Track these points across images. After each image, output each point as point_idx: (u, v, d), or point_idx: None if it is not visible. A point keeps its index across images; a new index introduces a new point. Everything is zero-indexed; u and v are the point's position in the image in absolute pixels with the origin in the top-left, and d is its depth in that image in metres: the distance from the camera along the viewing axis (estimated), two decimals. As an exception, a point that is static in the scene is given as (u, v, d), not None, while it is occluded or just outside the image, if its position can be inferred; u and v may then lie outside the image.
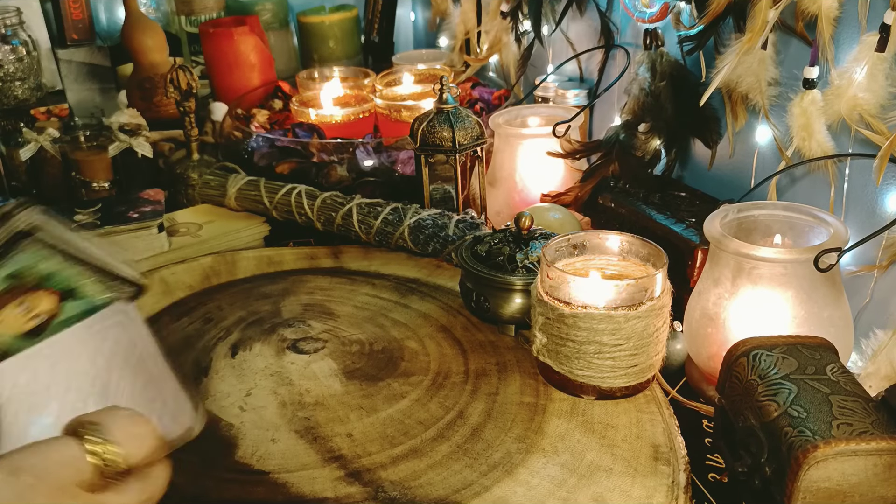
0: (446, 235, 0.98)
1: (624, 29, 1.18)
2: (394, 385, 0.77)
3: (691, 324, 0.78)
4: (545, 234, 0.86)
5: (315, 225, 1.07)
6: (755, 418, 0.61)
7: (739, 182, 0.98)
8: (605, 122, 1.23)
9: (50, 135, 1.26)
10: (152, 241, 1.04)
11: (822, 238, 0.74)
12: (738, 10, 0.87)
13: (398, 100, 1.32)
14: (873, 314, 0.80)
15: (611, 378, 0.72)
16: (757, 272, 0.73)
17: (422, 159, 1.02)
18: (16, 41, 1.42)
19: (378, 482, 0.65)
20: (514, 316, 0.83)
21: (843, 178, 0.83)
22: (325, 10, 1.75)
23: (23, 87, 1.44)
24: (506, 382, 0.77)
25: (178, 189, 1.21)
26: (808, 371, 0.62)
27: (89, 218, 1.04)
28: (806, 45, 0.84)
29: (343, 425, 0.72)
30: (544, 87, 1.27)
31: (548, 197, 1.07)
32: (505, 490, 0.64)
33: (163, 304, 0.94)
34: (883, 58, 0.73)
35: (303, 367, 0.80)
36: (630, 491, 0.63)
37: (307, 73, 1.47)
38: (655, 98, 1.00)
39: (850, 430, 0.56)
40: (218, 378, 0.79)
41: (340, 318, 0.89)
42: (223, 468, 0.68)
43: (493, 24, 1.38)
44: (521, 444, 0.69)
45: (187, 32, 1.71)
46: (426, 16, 1.83)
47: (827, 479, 0.56)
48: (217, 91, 1.54)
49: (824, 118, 0.81)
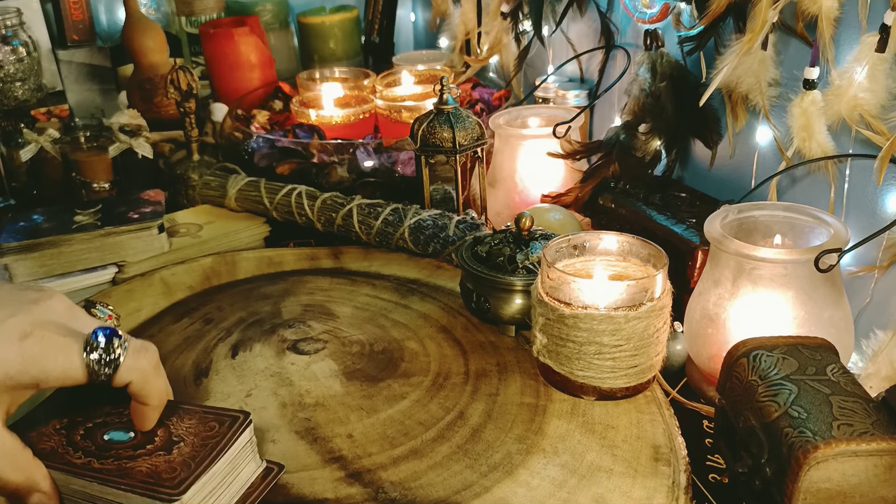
0: (447, 236, 0.98)
1: (624, 29, 1.18)
2: (394, 386, 0.77)
3: (692, 324, 0.78)
4: (545, 235, 0.86)
5: (315, 226, 1.07)
6: (755, 419, 0.61)
7: (740, 182, 0.98)
8: (605, 123, 1.23)
9: (50, 135, 1.26)
10: (152, 241, 1.04)
11: (822, 239, 0.74)
12: (738, 11, 0.87)
13: (398, 100, 1.32)
14: (874, 315, 0.80)
15: (611, 379, 0.72)
16: (757, 273, 0.73)
17: (422, 160, 1.02)
18: (16, 42, 1.42)
19: (378, 483, 0.65)
20: (515, 317, 0.83)
21: (843, 179, 0.83)
22: (326, 10, 1.75)
23: (23, 88, 1.44)
24: (506, 383, 0.77)
25: (179, 190, 1.21)
26: (808, 372, 0.62)
27: (89, 218, 1.04)
28: (806, 45, 0.84)
29: (343, 426, 0.72)
30: (544, 87, 1.27)
31: (548, 197, 1.07)
32: (505, 491, 0.64)
33: (163, 304, 0.94)
34: (883, 58, 0.73)
35: (303, 367, 0.80)
36: (630, 492, 0.63)
37: (307, 73, 1.47)
38: (656, 99, 1.00)
39: (851, 431, 0.56)
40: (218, 379, 0.79)
41: (341, 318, 0.89)
42: (223, 469, 0.68)
43: (493, 25, 1.39)
44: (522, 445, 0.69)
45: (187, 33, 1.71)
46: (426, 16, 1.84)
47: (827, 480, 0.56)
48: (217, 92, 1.54)
49: (825, 119, 0.81)
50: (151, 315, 0.92)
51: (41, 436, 0.62)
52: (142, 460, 0.59)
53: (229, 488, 0.60)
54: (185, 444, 0.60)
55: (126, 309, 0.93)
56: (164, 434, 0.61)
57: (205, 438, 0.60)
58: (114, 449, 0.60)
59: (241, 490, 0.61)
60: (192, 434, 0.61)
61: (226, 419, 0.62)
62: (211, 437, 0.60)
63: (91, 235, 1.00)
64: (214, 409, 0.64)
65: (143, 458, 0.59)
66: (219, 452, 0.59)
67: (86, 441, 0.61)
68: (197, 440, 0.60)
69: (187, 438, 0.60)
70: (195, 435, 0.61)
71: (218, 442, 0.60)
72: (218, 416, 0.63)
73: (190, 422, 0.62)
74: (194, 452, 0.59)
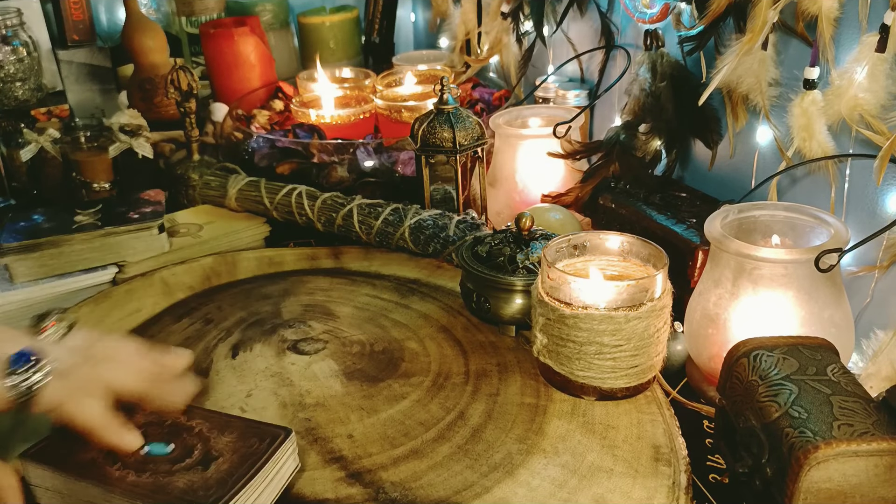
0: (447, 236, 0.98)
1: (624, 29, 1.18)
2: (394, 386, 0.77)
3: (692, 324, 0.78)
4: (546, 235, 0.86)
5: (315, 225, 1.07)
6: (756, 419, 0.61)
7: (740, 182, 0.98)
8: (605, 123, 1.23)
9: (50, 135, 1.26)
10: (153, 241, 1.04)
11: (822, 238, 0.74)
12: (738, 11, 0.87)
13: (399, 100, 1.32)
14: (874, 315, 0.80)
15: (611, 379, 0.72)
16: (758, 273, 0.73)
17: (422, 160, 1.02)
18: (16, 42, 1.42)
19: (379, 483, 0.65)
20: (515, 317, 0.83)
21: (843, 179, 0.83)
22: (326, 10, 1.75)
23: (23, 88, 1.45)
24: (506, 383, 0.77)
25: (179, 190, 1.21)
26: (808, 372, 0.62)
27: (90, 219, 1.04)
28: (806, 45, 0.84)
29: (344, 426, 0.72)
30: (545, 87, 1.27)
31: (548, 197, 1.07)
32: (506, 491, 0.64)
33: (163, 304, 0.94)
34: (883, 58, 0.73)
35: (303, 367, 0.80)
36: (631, 492, 0.63)
37: (307, 73, 1.47)
38: (656, 98, 1.00)
39: (851, 431, 0.56)
40: (218, 379, 0.79)
41: (341, 318, 0.89)
42: (224, 469, 0.67)
43: (493, 25, 1.38)
44: (522, 445, 0.69)
45: (188, 33, 1.71)
46: (427, 16, 1.84)
47: (828, 480, 0.56)
48: (217, 92, 1.54)
49: (825, 118, 0.81)
50: (151, 315, 0.92)
51: (85, 446, 0.62)
52: (178, 475, 0.59)
53: (265, 497, 0.60)
54: (223, 459, 0.60)
55: (126, 309, 0.93)
56: (204, 448, 0.61)
57: (244, 455, 0.60)
58: (152, 462, 0.60)
59: (276, 494, 0.62)
60: (232, 450, 0.61)
61: (266, 436, 0.62)
62: (250, 455, 0.60)
63: (91, 235, 1.00)
64: (256, 424, 0.64)
65: (180, 473, 0.59)
66: (256, 471, 0.59)
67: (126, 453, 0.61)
68: (236, 457, 0.60)
69: (226, 454, 0.60)
70: (234, 451, 0.61)
71: (256, 460, 0.59)
72: (259, 432, 0.62)
73: (231, 436, 0.62)
74: (232, 469, 0.59)
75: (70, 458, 0.61)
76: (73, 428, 0.60)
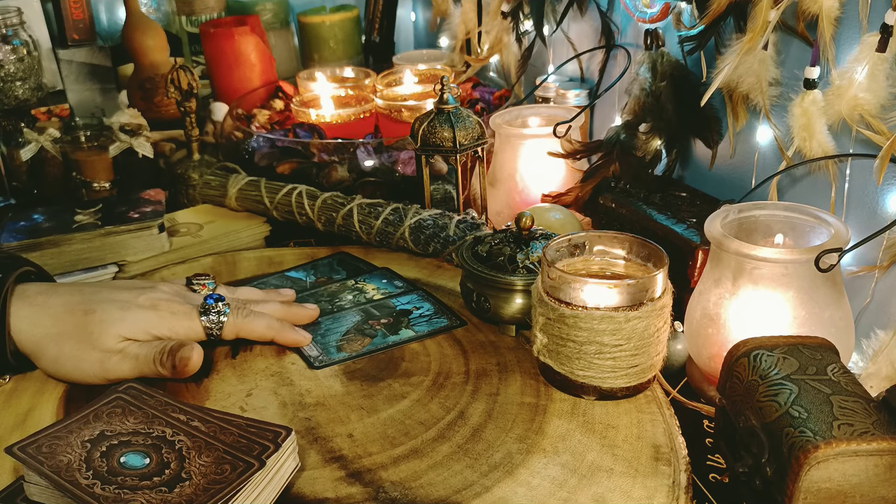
0: (447, 236, 0.98)
1: (625, 29, 1.18)
2: (394, 385, 0.77)
3: (692, 324, 0.78)
4: (546, 235, 0.86)
5: (316, 225, 1.07)
6: (756, 419, 0.61)
7: (740, 182, 0.98)
8: (605, 123, 1.23)
9: (51, 135, 1.26)
10: (153, 241, 1.04)
11: (822, 238, 0.74)
12: (738, 11, 0.87)
13: (399, 100, 1.32)
14: (874, 314, 0.80)
15: (611, 378, 0.72)
16: (758, 272, 0.73)
17: (422, 159, 1.02)
18: (16, 41, 1.42)
19: (379, 483, 0.65)
20: (515, 316, 0.83)
21: (843, 179, 0.83)
22: (326, 10, 1.75)
23: (23, 88, 1.45)
24: (506, 383, 0.77)
25: (179, 189, 1.21)
26: (808, 371, 0.62)
27: (90, 218, 1.04)
28: (807, 45, 0.84)
29: (344, 426, 0.72)
30: (545, 87, 1.27)
31: (548, 197, 1.07)
32: (506, 490, 0.64)
33: (163, 304, 0.94)
34: (884, 58, 0.73)
35: (303, 367, 0.80)
36: (631, 491, 0.63)
37: (307, 73, 1.47)
38: (656, 98, 1.00)
39: (851, 431, 0.56)
40: (218, 378, 0.79)
41: (341, 318, 0.89)
42: (224, 468, 0.68)
43: (493, 25, 1.39)
44: (522, 445, 0.69)
45: (188, 32, 1.71)
46: (427, 16, 1.84)
47: (828, 480, 0.56)
48: (218, 91, 1.54)
49: (825, 118, 0.81)
50: (152, 314, 0.92)
51: (67, 446, 0.61)
52: (141, 493, 0.57)
53: (265, 496, 0.59)
54: (189, 483, 0.58)
55: (126, 308, 0.93)
56: (177, 468, 0.60)
57: (210, 482, 0.58)
58: (121, 475, 0.59)
59: (276, 494, 0.61)
60: (201, 475, 0.59)
61: (240, 463, 0.60)
62: (215, 483, 0.58)
63: (91, 235, 1.00)
64: (235, 450, 0.62)
65: (144, 491, 0.57)
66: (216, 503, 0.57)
67: (102, 460, 0.60)
68: (203, 483, 0.58)
69: (195, 478, 0.59)
70: (203, 476, 0.59)
71: (217, 491, 0.58)
72: (234, 459, 0.61)
73: (206, 459, 0.61)
74: (192, 496, 0.57)
75: (51, 457, 0.60)
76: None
